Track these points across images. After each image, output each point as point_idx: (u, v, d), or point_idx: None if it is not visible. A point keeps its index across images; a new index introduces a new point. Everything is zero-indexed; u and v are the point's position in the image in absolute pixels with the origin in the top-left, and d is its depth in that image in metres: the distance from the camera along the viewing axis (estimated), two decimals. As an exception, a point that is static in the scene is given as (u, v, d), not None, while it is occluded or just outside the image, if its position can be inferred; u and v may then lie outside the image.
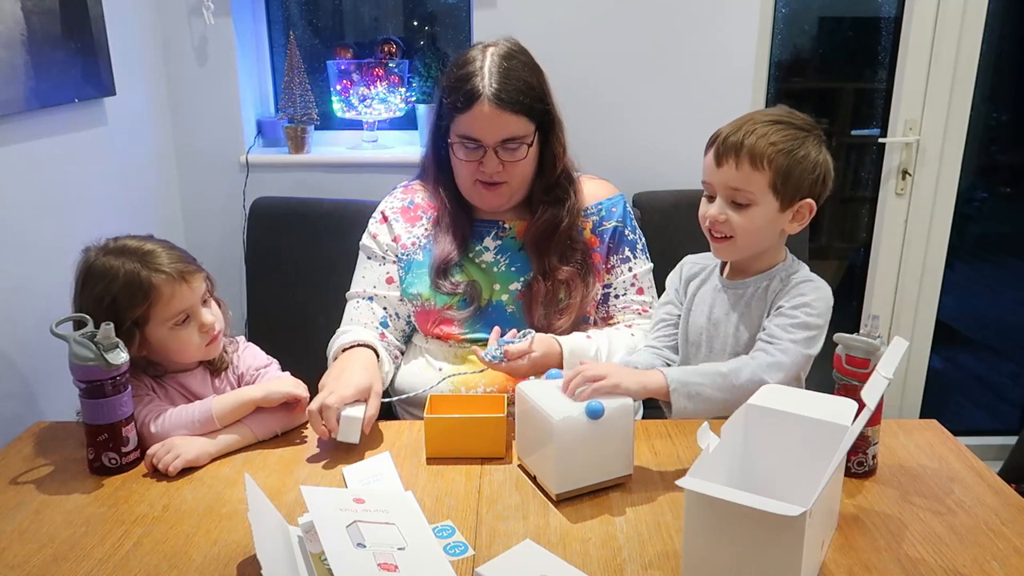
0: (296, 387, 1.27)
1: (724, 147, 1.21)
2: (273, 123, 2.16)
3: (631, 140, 2.01)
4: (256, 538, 0.85)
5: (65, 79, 1.55)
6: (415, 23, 2.25)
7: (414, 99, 2.19)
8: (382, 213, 1.55)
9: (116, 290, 1.19)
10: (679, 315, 1.38)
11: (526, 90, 1.37)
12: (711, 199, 1.25)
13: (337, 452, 1.23)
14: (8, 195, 1.41)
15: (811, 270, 1.30)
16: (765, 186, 1.19)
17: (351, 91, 2.10)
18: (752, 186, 1.20)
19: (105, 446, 1.15)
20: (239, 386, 1.33)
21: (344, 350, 1.38)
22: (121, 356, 1.13)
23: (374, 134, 2.17)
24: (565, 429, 1.04)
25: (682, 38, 1.96)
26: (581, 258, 1.45)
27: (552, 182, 1.46)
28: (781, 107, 1.28)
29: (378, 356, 1.39)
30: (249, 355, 1.38)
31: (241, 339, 1.42)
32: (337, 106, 2.14)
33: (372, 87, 2.09)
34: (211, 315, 1.27)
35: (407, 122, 2.21)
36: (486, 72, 1.35)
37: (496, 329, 1.33)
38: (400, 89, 2.13)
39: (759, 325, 1.27)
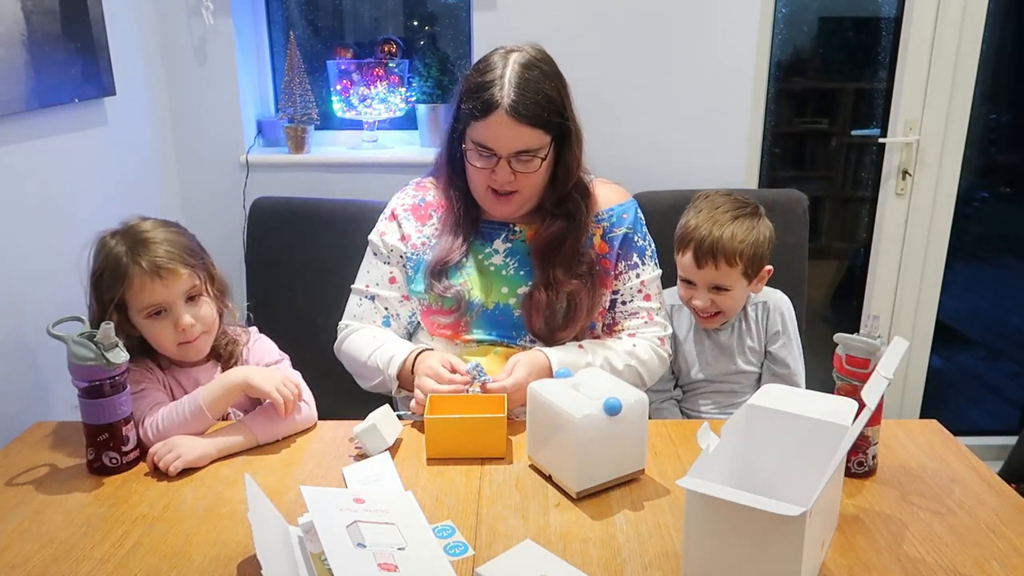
0: (279, 389, 1.24)
1: (701, 251, 1.46)
2: (273, 123, 2.16)
3: (630, 140, 2.00)
4: (256, 538, 0.85)
5: (65, 79, 1.55)
6: (415, 23, 2.25)
7: (414, 99, 2.19)
8: (392, 211, 1.54)
9: (102, 267, 1.24)
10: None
11: (544, 103, 1.34)
12: (689, 283, 1.53)
13: (337, 452, 1.23)
14: (8, 195, 1.41)
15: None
16: (739, 275, 1.48)
17: (351, 91, 2.10)
18: (730, 279, 1.48)
19: (105, 446, 1.15)
20: None
21: (412, 360, 1.38)
22: (121, 355, 1.13)
23: (374, 134, 2.17)
24: (586, 427, 1.05)
25: (682, 38, 1.96)
26: (587, 270, 1.43)
27: (564, 194, 1.44)
28: (721, 194, 1.55)
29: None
30: (259, 349, 1.38)
31: (254, 331, 1.41)
32: (337, 106, 2.14)
33: (372, 87, 2.09)
34: (192, 317, 1.26)
35: (407, 122, 2.21)
36: (506, 81, 1.33)
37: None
38: (400, 89, 2.13)
39: (746, 347, 1.59)
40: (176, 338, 1.26)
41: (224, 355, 1.34)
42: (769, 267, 1.52)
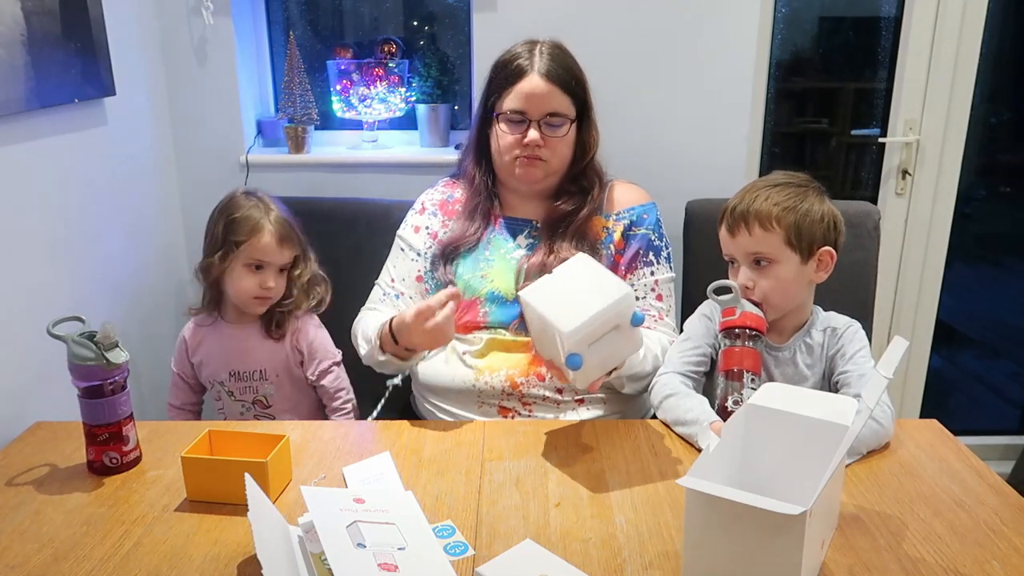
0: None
1: (733, 218, 1.29)
2: (273, 123, 2.16)
3: (630, 140, 2.00)
4: (256, 538, 0.85)
5: (65, 79, 1.55)
6: (415, 23, 2.24)
7: (414, 99, 2.19)
8: (422, 204, 1.59)
9: (235, 215, 1.52)
10: (713, 356, 1.37)
11: (571, 73, 1.46)
12: (732, 264, 1.33)
13: (337, 452, 1.23)
14: (8, 195, 1.41)
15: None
16: (781, 244, 1.26)
17: (351, 91, 2.10)
18: (768, 246, 1.27)
19: (105, 446, 1.15)
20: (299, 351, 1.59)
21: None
22: (121, 355, 1.13)
23: (374, 134, 2.17)
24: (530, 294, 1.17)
25: (681, 38, 1.95)
26: (589, 251, 1.44)
27: (578, 172, 1.51)
28: (777, 171, 1.36)
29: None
30: (308, 334, 1.59)
31: (313, 318, 1.61)
32: (337, 106, 2.14)
33: (372, 87, 2.09)
34: (275, 282, 1.53)
35: (407, 122, 2.21)
36: (535, 54, 1.45)
37: None
38: (400, 89, 2.13)
39: (806, 376, 1.32)
40: (256, 292, 1.51)
41: (273, 322, 1.57)
42: (830, 248, 1.29)
